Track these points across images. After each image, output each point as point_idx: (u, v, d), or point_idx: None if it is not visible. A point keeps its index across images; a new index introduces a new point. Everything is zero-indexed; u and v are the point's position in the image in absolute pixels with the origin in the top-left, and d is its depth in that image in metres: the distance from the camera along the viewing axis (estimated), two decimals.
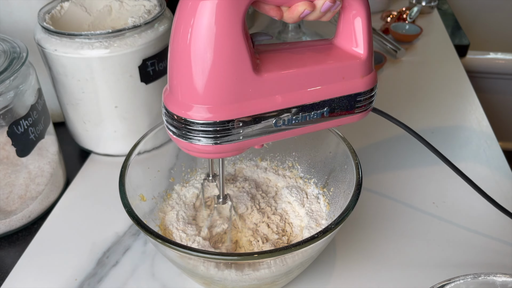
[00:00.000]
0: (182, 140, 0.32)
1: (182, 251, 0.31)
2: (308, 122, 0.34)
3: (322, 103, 0.34)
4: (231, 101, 0.31)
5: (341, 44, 0.35)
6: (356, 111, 0.36)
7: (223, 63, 0.29)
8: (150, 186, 0.43)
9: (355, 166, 0.38)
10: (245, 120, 0.32)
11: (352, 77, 0.34)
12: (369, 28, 0.34)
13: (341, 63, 0.34)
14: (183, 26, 0.29)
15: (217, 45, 0.29)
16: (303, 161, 0.47)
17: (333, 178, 0.43)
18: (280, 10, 0.31)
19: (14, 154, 0.45)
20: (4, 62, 0.43)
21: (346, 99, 0.35)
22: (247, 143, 0.33)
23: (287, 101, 0.32)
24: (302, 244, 0.31)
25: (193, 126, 0.31)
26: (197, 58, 0.29)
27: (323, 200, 0.44)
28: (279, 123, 0.33)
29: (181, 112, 0.31)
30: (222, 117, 0.31)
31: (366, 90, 0.35)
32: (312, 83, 0.33)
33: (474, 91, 0.72)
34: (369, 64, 0.35)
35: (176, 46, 0.30)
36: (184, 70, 0.30)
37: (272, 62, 0.32)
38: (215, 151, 0.33)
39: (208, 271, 0.34)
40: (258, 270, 0.34)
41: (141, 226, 0.34)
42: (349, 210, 0.34)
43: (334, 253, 0.45)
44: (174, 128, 0.32)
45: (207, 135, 0.31)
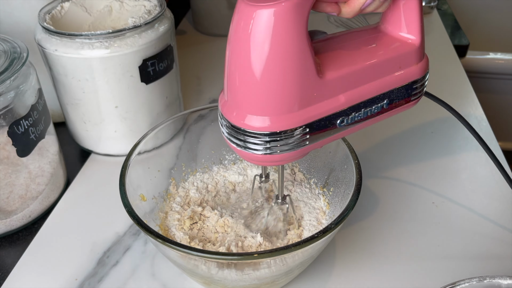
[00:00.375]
0: (244, 151, 0.32)
1: (182, 250, 0.31)
2: (369, 117, 0.34)
3: (382, 96, 0.34)
4: (296, 108, 0.30)
5: (391, 31, 0.35)
6: (412, 98, 0.36)
7: (289, 73, 0.28)
8: (150, 186, 0.43)
9: (355, 166, 0.38)
10: (310, 126, 0.31)
11: (408, 65, 0.34)
12: (422, 13, 0.34)
13: (397, 53, 0.33)
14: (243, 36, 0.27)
15: (283, 55, 0.28)
16: (303, 161, 0.47)
17: (333, 178, 0.43)
18: (338, 5, 0.30)
19: (15, 154, 0.45)
20: (5, 62, 0.43)
21: (404, 88, 0.35)
22: (311, 146, 0.33)
23: (350, 99, 0.32)
24: (302, 244, 0.31)
25: (257, 137, 0.30)
26: (261, 69, 0.28)
27: (323, 200, 0.44)
28: (342, 123, 0.33)
29: (244, 124, 0.30)
30: (288, 126, 0.30)
31: (422, 76, 0.35)
32: (371, 77, 0.33)
33: (474, 91, 0.72)
34: (423, 49, 0.35)
35: (236, 56, 0.29)
36: (247, 81, 0.29)
37: (332, 62, 0.31)
38: (280, 159, 0.32)
39: (209, 271, 0.34)
40: (258, 269, 0.34)
41: (142, 226, 0.34)
42: (349, 210, 0.34)
43: (334, 252, 0.45)
44: (235, 138, 0.32)
45: (271, 145, 0.31)
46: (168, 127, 0.44)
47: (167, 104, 0.58)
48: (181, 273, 0.43)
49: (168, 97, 0.57)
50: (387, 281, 0.42)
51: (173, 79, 0.58)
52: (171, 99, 0.58)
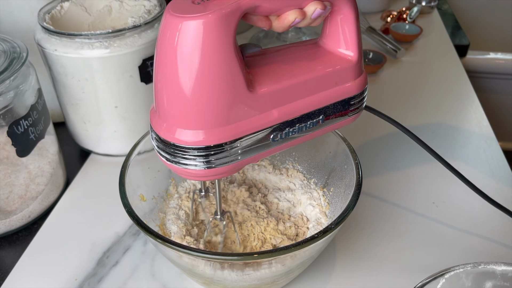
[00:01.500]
0: (175, 166, 0.31)
1: (182, 251, 0.31)
2: (304, 132, 0.34)
3: (317, 112, 0.33)
4: (226, 123, 0.29)
5: (329, 46, 0.34)
6: (349, 114, 0.35)
7: (217, 85, 0.28)
8: (150, 186, 0.43)
9: (355, 166, 0.38)
10: (241, 140, 0.30)
11: (345, 81, 0.34)
12: (358, 29, 0.33)
13: (333, 69, 0.33)
14: (169, 49, 0.27)
15: (209, 68, 0.27)
16: (303, 161, 0.47)
17: (333, 178, 0.43)
18: (269, 20, 0.30)
19: (14, 154, 0.45)
20: (4, 62, 0.43)
21: (340, 104, 0.34)
22: (244, 161, 0.32)
23: (283, 114, 0.31)
24: (302, 244, 0.31)
25: (188, 151, 0.30)
26: (188, 83, 0.27)
27: (323, 200, 0.44)
28: (276, 138, 0.32)
29: (174, 138, 0.29)
30: (218, 140, 0.29)
31: (359, 93, 0.35)
32: (306, 92, 0.32)
33: (474, 91, 0.72)
34: (360, 66, 0.34)
35: (162, 69, 0.28)
36: (173, 94, 0.28)
37: (265, 76, 0.31)
38: (211, 174, 0.31)
39: (208, 271, 0.34)
40: (258, 270, 0.34)
41: (141, 226, 0.34)
42: (349, 210, 0.34)
43: (334, 253, 0.45)
44: (167, 154, 0.31)
45: (203, 160, 0.30)
46: None
47: None
48: (181, 273, 0.43)
49: None
50: (387, 281, 0.42)
51: None
52: None
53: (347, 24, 0.33)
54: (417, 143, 0.42)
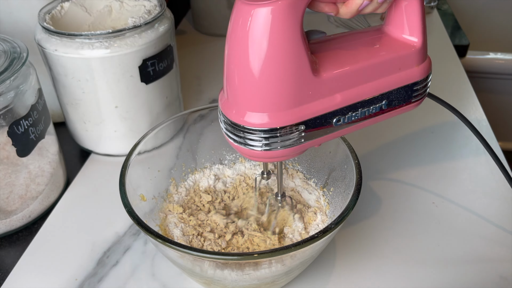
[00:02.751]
0: (243, 147, 0.32)
1: (182, 250, 0.31)
2: (367, 117, 0.34)
3: (380, 97, 0.34)
4: (292, 106, 0.30)
5: (393, 33, 0.35)
6: (413, 100, 0.36)
7: (284, 70, 0.29)
8: (150, 186, 0.43)
9: (355, 166, 0.38)
10: (306, 123, 0.31)
11: (409, 67, 0.34)
12: (424, 15, 0.34)
13: (396, 54, 0.33)
14: (239, 34, 0.28)
15: (277, 53, 0.28)
16: (303, 161, 0.47)
17: (333, 178, 0.43)
18: (336, 5, 0.30)
19: (15, 154, 0.45)
20: (5, 62, 0.43)
21: (404, 89, 0.35)
22: (308, 144, 0.33)
23: (346, 99, 0.32)
24: (302, 244, 0.31)
25: (254, 133, 0.31)
26: (257, 66, 0.28)
27: (323, 200, 0.44)
28: (339, 122, 0.33)
29: (242, 120, 0.31)
30: (284, 123, 0.31)
31: (423, 78, 0.35)
32: (369, 78, 0.33)
33: (474, 91, 0.72)
34: (424, 51, 0.34)
35: (233, 54, 0.29)
36: (244, 78, 0.30)
37: (329, 61, 0.32)
38: (276, 156, 0.32)
39: (208, 271, 0.34)
40: (258, 269, 0.34)
41: (141, 226, 0.34)
42: (349, 210, 0.34)
43: (334, 253, 0.45)
44: (234, 135, 0.32)
45: (269, 141, 0.31)
46: (168, 127, 0.44)
47: (167, 104, 0.58)
48: (181, 273, 0.43)
49: (168, 97, 0.57)
50: (387, 281, 0.42)
51: (173, 79, 0.58)
52: (171, 99, 0.58)
53: (411, 10, 0.33)
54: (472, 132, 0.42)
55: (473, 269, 0.43)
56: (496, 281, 0.42)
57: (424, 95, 0.37)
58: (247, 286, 0.36)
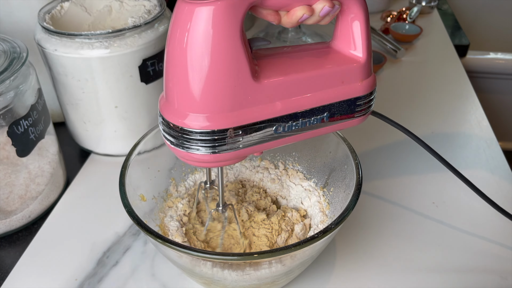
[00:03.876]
0: (179, 150, 0.32)
1: (182, 250, 0.31)
2: (308, 128, 0.34)
3: (322, 108, 0.34)
4: (229, 109, 0.30)
5: (339, 47, 0.35)
6: (356, 115, 0.36)
7: (221, 70, 0.29)
8: (150, 186, 0.43)
9: (355, 166, 0.38)
10: (244, 128, 0.31)
11: (352, 81, 0.34)
12: (368, 31, 0.34)
13: (340, 67, 0.33)
14: (179, 32, 0.28)
15: (215, 52, 0.28)
16: (304, 161, 0.47)
17: (333, 178, 0.43)
18: (278, 14, 0.31)
19: (14, 154, 0.45)
20: (4, 62, 0.43)
21: (346, 103, 0.34)
22: (246, 151, 0.32)
23: (286, 107, 0.32)
24: (301, 244, 0.31)
25: (191, 135, 0.30)
26: (194, 66, 0.28)
27: (323, 200, 0.44)
28: (279, 130, 0.33)
29: (178, 121, 0.30)
30: (221, 126, 0.30)
31: (366, 94, 0.35)
32: (311, 88, 0.33)
33: (474, 91, 0.72)
34: (368, 67, 0.35)
35: (172, 53, 0.29)
36: (181, 78, 0.29)
37: (271, 68, 0.31)
38: (213, 160, 0.32)
39: (208, 271, 0.34)
40: (258, 270, 0.34)
41: (141, 226, 0.34)
42: (349, 210, 0.34)
43: (334, 253, 0.45)
44: (171, 137, 0.32)
45: (205, 144, 0.31)
46: None
47: None
48: (181, 273, 0.43)
49: None
50: (388, 281, 0.42)
51: None
52: None
53: (356, 25, 0.33)
54: (422, 146, 0.42)
55: (473, 269, 0.43)
56: (496, 281, 0.42)
57: (368, 112, 0.37)
58: (247, 286, 0.36)
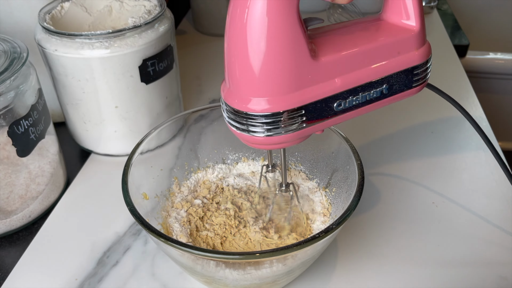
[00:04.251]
0: (245, 134, 0.32)
1: (183, 249, 0.31)
2: (369, 102, 0.34)
3: (380, 81, 0.34)
4: (291, 90, 0.31)
5: (391, 19, 0.35)
6: (413, 85, 0.36)
7: (281, 51, 0.29)
8: (153, 185, 0.43)
9: (357, 166, 0.38)
10: (306, 107, 0.31)
11: (407, 51, 0.34)
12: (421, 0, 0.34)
13: (395, 38, 0.34)
14: (238, 19, 0.29)
15: (274, 34, 0.28)
16: (306, 161, 0.47)
17: (336, 178, 0.43)
18: None
19: (15, 154, 0.45)
20: (5, 62, 0.43)
21: (404, 73, 0.35)
22: (310, 129, 0.33)
23: (346, 83, 0.32)
24: (303, 244, 0.31)
25: (256, 119, 0.31)
26: (255, 50, 0.29)
27: (325, 201, 0.44)
28: (340, 106, 0.33)
29: (242, 106, 0.31)
30: (284, 107, 0.31)
31: (422, 62, 0.35)
32: (368, 62, 0.33)
33: (474, 91, 0.72)
34: (423, 35, 0.35)
35: (232, 40, 0.30)
36: (242, 64, 0.30)
37: (327, 46, 0.32)
38: (279, 142, 0.32)
39: (209, 270, 0.34)
40: (260, 269, 0.34)
41: (143, 225, 0.34)
42: (351, 211, 0.34)
43: (336, 253, 0.45)
44: (237, 123, 0.32)
45: (271, 127, 0.31)
46: (170, 126, 0.45)
47: (167, 104, 0.58)
48: (181, 273, 0.43)
49: (168, 97, 0.57)
50: (387, 281, 0.42)
51: (173, 79, 0.58)
52: (171, 99, 0.58)
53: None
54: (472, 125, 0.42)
55: (473, 269, 0.43)
56: (496, 281, 0.42)
57: (425, 80, 0.37)
58: (248, 286, 0.36)
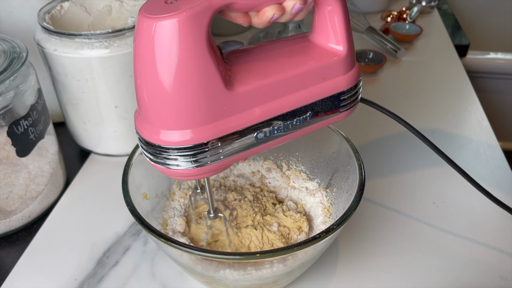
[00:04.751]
0: (160, 166, 0.31)
1: (183, 249, 0.31)
2: (291, 130, 0.33)
3: (304, 109, 0.32)
4: (205, 122, 0.29)
5: (318, 41, 0.33)
6: (341, 110, 0.34)
7: (191, 84, 0.27)
8: (153, 185, 0.43)
9: (358, 167, 0.38)
10: (223, 139, 0.30)
11: (334, 76, 0.32)
12: (347, 23, 0.32)
13: (320, 63, 0.32)
14: (142, 49, 0.27)
15: (182, 66, 0.27)
16: (307, 161, 0.47)
17: (336, 178, 0.43)
18: (248, 16, 0.29)
19: (14, 154, 0.45)
20: (4, 62, 0.43)
21: (329, 100, 0.33)
22: (229, 160, 0.31)
23: (266, 112, 0.30)
24: (303, 244, 0.31)
25: (170, 151, 0.29)
26: (162, 81, 0.27)
27: (326, 201, 0.44)
28: (260, 136, 0.31)
29: (154, 138, 0.29)
30: (198, 140, 0.29)
31: (350, 88, 0.33)
32: (290, 89, 0.31)
33: (474, 91, 0.72)
34: (351, 59, 0.33)
35: (139, 70, 0.28)
36: (151, 94, 0.28)
37: (245, 74, 0.30)
38: (196, 173, 0.31)
39: (210, 270, 0.34)
40: (260, 269, 0.33)
41: (143, 225, 0.33)
42: (352, 211, 0.34)
43: (337, 253, 0.45)
44: (150, 154, 0.31)
45: (186, 159, 0.30)
46: None
47: None
48: (181, 273, 0.43)
49: None
50: (387, 281, 0.42)
51: None
52: None
53: (334, 17, 0.32)
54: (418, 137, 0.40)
55: (473, 269, 0.43)
56: (496, 281, 0.42)
57: (355, 104, 0.35)
58: (248, 286, 0.36)
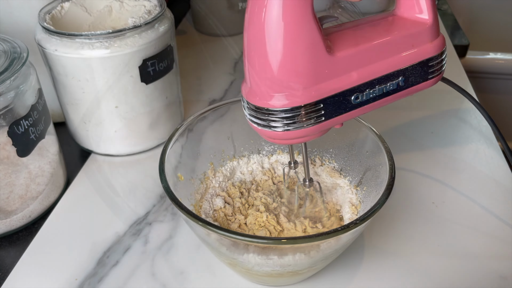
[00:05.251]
0: (267, 130, 0.33)
1: (209, 228, 0.32)
2: (386, 94, 0.36)
3: (396, 73, 0.35)
4: (309, 85, 0.32)
5: (404, 14, 0.37)
6: (429, 77, 0.37)
7: (298, 49, 0.30)
8: (189, 168, 0.44)
9: (389, 167, 0.38)
10: (325, 101, 0.33)
11: (422, 44, 0.36)
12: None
13: (408, 31, 0.35)
14: (256, 20, 0.30)
15: (291, 34, 0.30)
16: (340, 159, 0.48)
17: (367, 177, 0.43)
18: None
19: (15, 154, 0.45)
20: (5, 62, 0.43)
21: (419, 65, 0.36)
22: (328, 123, 0.34)
23: (362, 76, 0.34)
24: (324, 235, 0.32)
25: (276, 114, 0.32)
26: (273, 49, 0.30)
27: (355, 199, 0.44)
28: (357, 99, 0.34)
29: (263, 103, 0.33)
30: (303, 102, 0.32)
31: (437, 54, 0.36)
32: (383, 55, 0.34)
33: (474, 91, 0.72)
34: (436, 28, 0.36)
35: (251, 41, 0.31)
36: (261, 63, 0.31)
37: (342, 41, 0.33)
38: (299, 136, 0.34)
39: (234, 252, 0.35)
40: (282, 256, 0.34)
41: (175, 203, 0.35)
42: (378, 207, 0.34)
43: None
44: (258, 119, 0.34)
45: (291, 121, 0.33)
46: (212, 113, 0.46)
47: (167, 104, 0.58)
48: (181, 273, 0.43)
49: (168, 97, 0.57)
50: (387, 282, 0.42)
51: (173, 79, 0.58)
52: (171, 99, 0.58)
53: None
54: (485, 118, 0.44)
55: (473, 269, 0.43)
56: (496, 281, 0.42)
57: (441, 72, 0.38)
58: (270, 272, 0.37)
